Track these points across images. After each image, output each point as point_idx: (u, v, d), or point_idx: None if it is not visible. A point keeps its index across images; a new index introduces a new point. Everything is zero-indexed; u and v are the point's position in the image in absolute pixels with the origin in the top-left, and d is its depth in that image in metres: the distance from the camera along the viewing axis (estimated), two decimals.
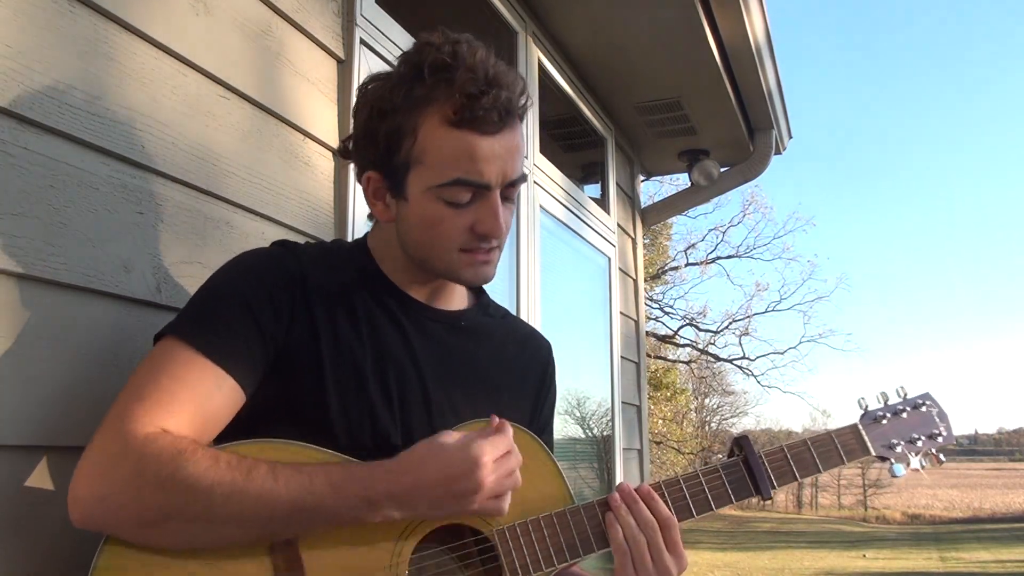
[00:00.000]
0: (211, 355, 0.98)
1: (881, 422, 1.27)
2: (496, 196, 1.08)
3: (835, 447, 1.23)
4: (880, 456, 1.26)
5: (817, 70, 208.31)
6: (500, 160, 1.06)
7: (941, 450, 1.30)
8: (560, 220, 3.35)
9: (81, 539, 0.93)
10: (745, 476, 1.18)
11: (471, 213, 1.08)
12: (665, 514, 1.10)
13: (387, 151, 1.08)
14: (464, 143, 1.04)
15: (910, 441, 1.27)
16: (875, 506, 33.63)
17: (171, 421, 0.93)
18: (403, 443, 1.07)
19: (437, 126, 1.04)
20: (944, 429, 1.30)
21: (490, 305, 1.30)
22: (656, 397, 18.91)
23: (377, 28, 2.04)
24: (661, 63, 3.41)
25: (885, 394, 1.30)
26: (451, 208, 1.07)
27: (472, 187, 1.06)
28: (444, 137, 1.04)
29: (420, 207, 1.08)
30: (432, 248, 1.10)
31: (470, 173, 1.05)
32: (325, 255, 1.16)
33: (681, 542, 1.10)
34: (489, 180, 1.06)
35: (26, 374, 1.09)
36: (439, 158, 1.05)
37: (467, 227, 1.08)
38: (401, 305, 1.15)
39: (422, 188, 1.07)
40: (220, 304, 1.03)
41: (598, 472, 3.92)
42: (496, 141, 1.05)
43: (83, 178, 1.20)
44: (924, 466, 1.28)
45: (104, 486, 0.89)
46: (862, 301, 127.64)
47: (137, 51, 1.32)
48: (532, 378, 1.29)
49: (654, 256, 19.29)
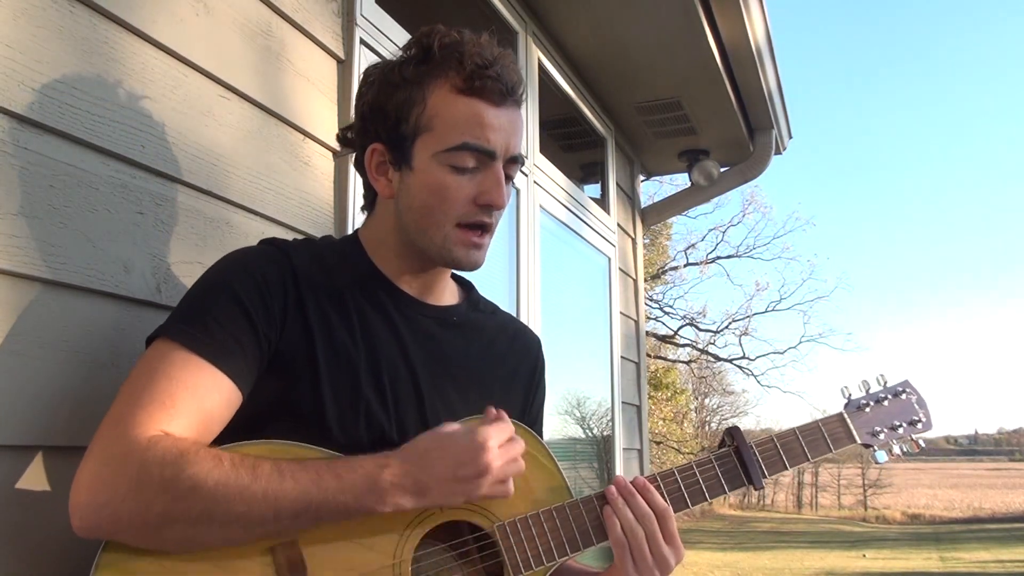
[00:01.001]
0: (207, 355, 0.97)
1: (864, 410, 1.30)
2: (500, 166, 1.11)
3: (823, 435, 1.26)
4: (864, 444, 1.29)
5: (817, 70, 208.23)
6: (504, 132, 1.10)
7: (920, 435, 1.32)
8: (560, 220, 3.35)
9: (79, 541, 0.93)
10: (737, 466, 1.20)
11: (475, 183, 1.10)
12: (661, 505, 1.11)
13: (396, 121, 1.11)
14: (473, 109, 1.08)
15: (892, 428, 1.30)
16: (875, 506, 33.63)
17: (172, 423, 0.93)
18: (398, 439, 1.07)
19: (447, 94, 1.09)
20: (924, 415, 1.32)
21: (480, 301, 1.31)
22: (656, 397, 18.91)
23: (377, 28, 2.04)
24: (661, 63, 3.41)
25: (867, 382, 1.32)
26: (456, 175, 1.09)
27: (478, 153, 1.09)
28: (454, 103, 1.09)
29: (425, 174, 1.10)
30: (432, 218, 1.11)
31: (478, 138, 1.08)
32: (315, 251, 1.16)
33: (678, 533, 1.11)
34: (495, 148, 1.09)
35: (25, 374, 1.09)
36: (448, 123, 1.08)
37: (470, 197, 1.10)
38: (393, 300, 1.16)
39: (429, 154, 1.10)
40: (213, 304, 1.02)
41: (598, 472, 3.92)
42: (502, 112, 1.10)
43: (83, 178, 1.20)
44: (904, 451, 1.31)
45: (106, 492, 0.88)
46: (862, 301, 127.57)
47: (137, 51, 1.32)
48: (523, 373, 1.30)
49: (654, 256, 19.30)
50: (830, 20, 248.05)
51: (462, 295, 1.29)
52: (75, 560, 0.94)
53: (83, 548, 0.91)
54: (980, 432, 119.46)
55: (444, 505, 1.02)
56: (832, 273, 66.60)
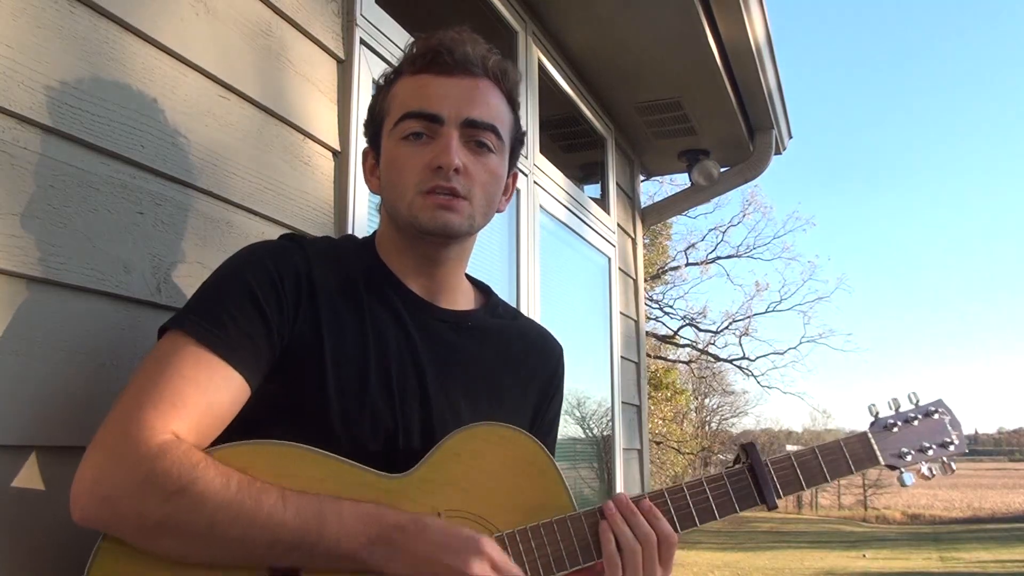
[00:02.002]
0: (218, 351, 0.97)
1: (892, 430, 1.24)
2: (450, 130, 1.10)
3: (843, 456, 1.20)
4: (889, 465, 1.23)
5: (817, 70, 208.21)
6: (454, 98, 1.11)
7: (952, 458, 1.26)
8: (560, 220, 3.35)
9: (75, 541, 0.93)
10: (750, 485, 1.15)
11: (429, 150, 1.10)
12: (666, 531, 1.08)
13: (373, 121, 1.19)
14: (418, 82, 1.13)
15: (920, 450, 1.24)
16: (875, 506, 33.63)
17: (181, 423, 0.93)
18: (403, 443, 1.06)
19: (403, 81, 1.15)
20: (956, 437, 1.26)
21: (499, 305, 1.29)
22: (656, 397, 18.90)
23: (377, 28, 2.04)
24: (661, 63, 3.40)
25: (897, 401, 1.27)
26: (408, 146, 1.11)
27: (421, 119, 1.10)
28: (405, 84, 1.15)
29: (386, 154, 1.15)
30: (395, 191, 1.13)
31: (420, 105, 1.11)
32: (333, 250, 1.16)
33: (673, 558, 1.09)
34: (438, 111, 1.10)
35: (25, 374, 1.09)
36: (398, 101, 1.14)
37: (425, 163, 1.10)
38: (406, 303, 1.15)
39: (387, 135, 1.15)
40: (227, 298, 1.02)
41: (598, 472, 3.91)
42: (450, 80, 1.12)
43: (83, 178, 1.20)
44: (935, 474, 1.25)
45: (108, 488, 0.88)
46: (862, 301, 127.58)
47: (137, 51, 1.32)
48: (539, 381, 1.27)
49: (654, 256, 19.29)
50: (830, 20, 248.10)
51: (480, 299, 1.27)
52: (74, 560, 0.94)
53: (82, 548, 0.91)
54: (980, 432, 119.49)
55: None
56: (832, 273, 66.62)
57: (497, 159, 1.15)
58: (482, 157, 1.13)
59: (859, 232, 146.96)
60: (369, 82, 1.96)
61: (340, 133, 1.85)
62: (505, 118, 1.17)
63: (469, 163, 1.11)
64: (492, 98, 1.14)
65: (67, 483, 0.91)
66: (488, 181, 1.14)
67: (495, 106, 1.14)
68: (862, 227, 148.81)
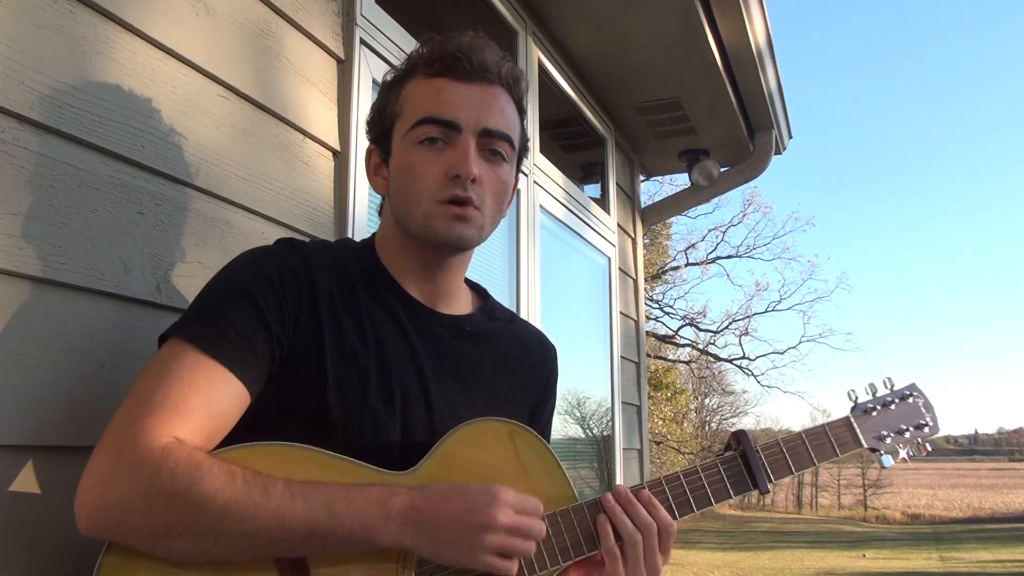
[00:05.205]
0: (220, 358, 0.97)
1: (871, 414, 1.29)
2: (467, 138, 1.10)
3: (829, 440, 1.25)
4: (871, 448, 1.28)
5: (817, 70, 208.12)
6: (472, 106, 1.10)
7: (927, 440, 1.32)
8: (560, 220, 3.35)
9: (75, 541, 0.92)
10: (743, 470, 1.19)
11: (445, 158, 1.09)
12: (666, 520, 1.11)
13: (380, 118, 1.17)
14: (435, 86, 1.12)
15: (898, 432, 1.30)
16: (875, 506, 33.63)
17: (183, 429, 0.92)
18: (404, 446, 1.06)
19: (417, 82, 1.13)
20: (931, 419, 1.32)
21: (496, 308, 1.30)
22: (656, 397, 18.91)
23: (377, 28, 2.04)
24: (661, 63, 3.41)
25: (873, 386, 1.32)
26: (425, 152, 1.10)
27: (439, 125, 1.09)
28: (419, 86, 1.13)
29: (399, 157, 1.13)
30: (409, 197, 1.11)
31: (439, 111, 1.10)
32: (331, 254, 1.15)
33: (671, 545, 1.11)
34: (456, 119, 1.09)
35: (25, 374, 1.09)
36: (414, 104, 1.12)
37: (441, 171, 1.09)
38: (406, 308, 1.15)
39: (400, 137, 1.13)
40: (227, 304, 1.01)
41: (598, 472, 3.91)
42: (469, 87, 1.11)
43: (83, 178, 1.20)
44: (912, 455, 1.30)
45: (113, 495, 0.88)
46: (862, 301, 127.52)
47: (137, 51, 1.32)
48: (536, 383, 1.28)
49: (654, 256, 19.30)
50: (830, 20, 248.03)
51: (477, 303, 1.28)
52: (73, 560, 0.94)
53: (81, 548, 0.91)
54: (980, 432, 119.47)
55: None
56: (832, 273, 66.61)
57: (508, 168, 1.16)
58: (495, 166, 1.13)
59: (859, 232, 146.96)
60: (369, 82, 1.96)
61: (340, 133, 1.85)
62: (516, 127, 1.17)
63: (483, 172, 1.11)
64: (507, 107, 1.14)
65: (66, 483, 0.91)
66: (499, 190, 1.14)
67: (509, 115, 1.15)
68: (862, 226, 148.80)
